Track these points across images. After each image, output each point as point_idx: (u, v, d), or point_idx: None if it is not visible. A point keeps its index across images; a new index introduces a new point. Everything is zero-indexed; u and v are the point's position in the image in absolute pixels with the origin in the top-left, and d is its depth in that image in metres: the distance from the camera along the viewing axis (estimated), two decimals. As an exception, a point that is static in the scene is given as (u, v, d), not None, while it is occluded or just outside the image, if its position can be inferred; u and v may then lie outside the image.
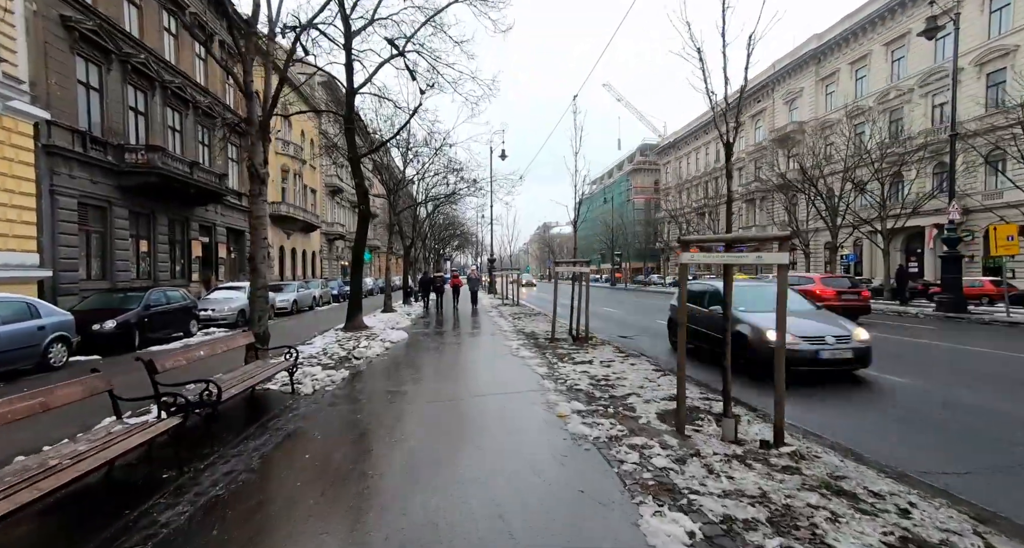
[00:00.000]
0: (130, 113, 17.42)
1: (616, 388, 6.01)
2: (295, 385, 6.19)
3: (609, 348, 9.27)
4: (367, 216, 12.89)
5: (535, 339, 10.58)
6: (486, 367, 7.69)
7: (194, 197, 19.83)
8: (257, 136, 7.06)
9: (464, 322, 14.94)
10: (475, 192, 22.16)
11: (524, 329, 12.31)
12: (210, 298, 15.40)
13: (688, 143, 51.83)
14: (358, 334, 11.67)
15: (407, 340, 10.79)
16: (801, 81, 36.49)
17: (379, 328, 12.64)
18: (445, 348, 9.81)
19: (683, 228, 41.41)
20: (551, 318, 14.74)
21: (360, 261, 12.92)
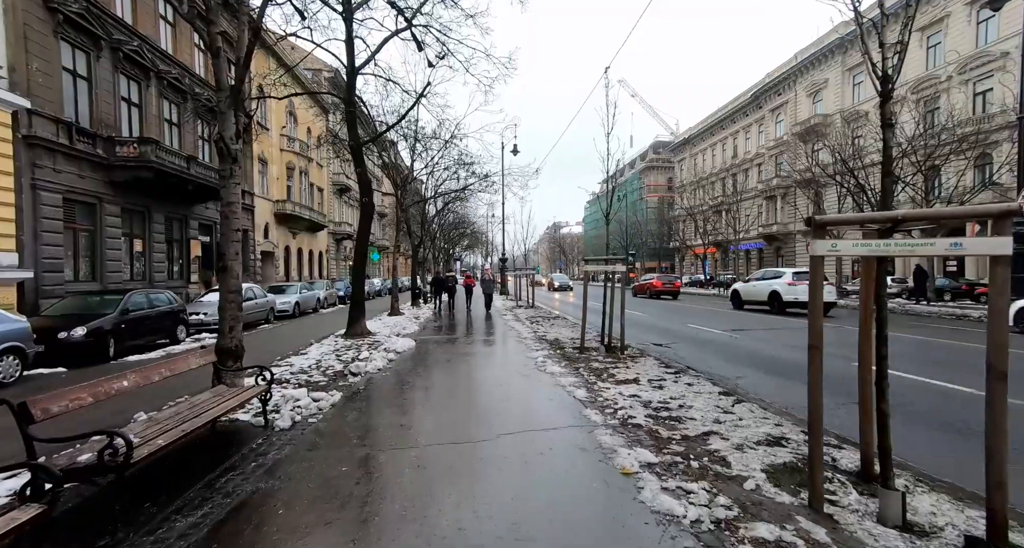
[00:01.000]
0: (122, 104, 16.25)
1: (684, 422, 4.54)
2: (269, 416, 4.80)
3: (651, 361, 7.78)
4: (371, 210, 11.53)
5: (561, 349, 9.12)
6: (510, 388, 6.24)
7: (192, 194, 18.65)
8: (227, 103, 5.69)
9: (477, 327, 13.52)
10: (487, 188, 20.79)
11: (546, 335, 10.85)
12: (203, 301, 14.14)
13: (704, 139, 49.99)
14: (360, 342, 10.30)
15: (414, 350, 9.39)
16: (826, 72, 34.60)
17: (383, 335, 11.27)
18: (458, 361, 8.39)
19: (701, 226, 39.64)
20: (574, 323, 13.34)
21: (363, 260, 11.57)
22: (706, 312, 17.83)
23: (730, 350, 9.51)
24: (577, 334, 10.94)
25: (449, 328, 13.40)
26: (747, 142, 43.87)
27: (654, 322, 14.55)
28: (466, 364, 8.04)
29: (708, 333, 11.85)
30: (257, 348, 10.50)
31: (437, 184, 20.22)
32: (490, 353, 9.15)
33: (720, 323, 13.85)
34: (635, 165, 65.87)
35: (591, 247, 70.22)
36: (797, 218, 37.42)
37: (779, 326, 13.05)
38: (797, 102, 37.30)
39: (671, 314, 16.97)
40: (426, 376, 7.10)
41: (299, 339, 11.40)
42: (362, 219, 11.57)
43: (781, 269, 20.39)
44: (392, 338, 10.38)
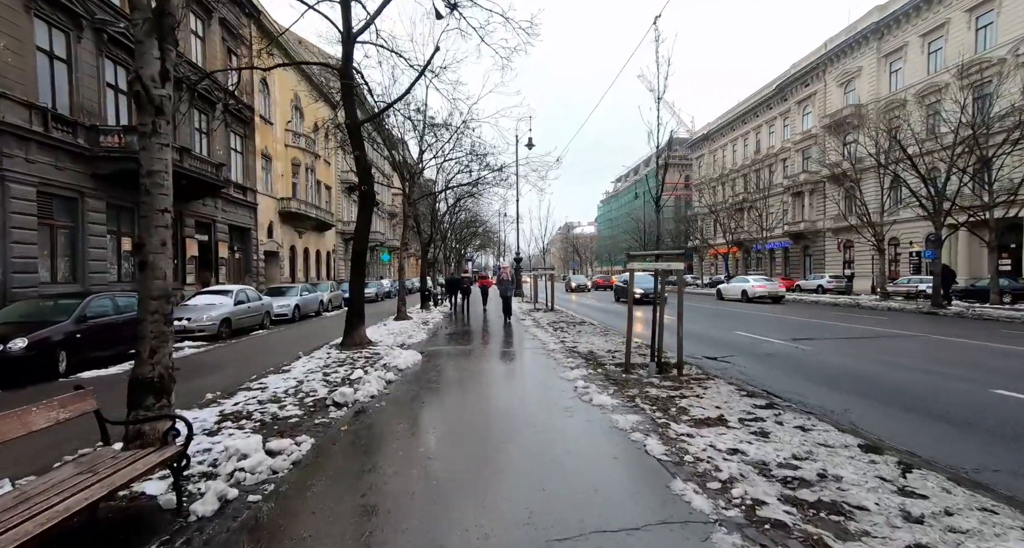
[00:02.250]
0: (107, 91, 14.82)
1: (857, 518, 2.70)
2: (185, 494, 3.07)
3: (724, 386, 5.93)
4: (370, 201, 9.84)
5: (600, 365, 7.30)
6: (549, 435, 4.38)
7: (187, 189, 17.16)
8: (145, 29, 3.98)
9: (495, 335, 11.75)
10: (501, 182, 19.03)
11: (576, 347, 9.03)
12: (188, 304, 12.59)
13: (724, 134, 47.69)
14: (356, 354, 8.59)
15: (419, 367, 7.64)
16: (859, 60, 32.23)
17: (385, 345, 9.56)
18: (474, 384, 6.62)
19: (725, 224, 37.51)
20: (604, 330, 11.47)
21: (361, 259, 9.88)
22: (736, 314, 15.86)
23: (804, 366, 7.61)
24: (612, 345, 9.14)
25: (462, 336, 11.65)
26: (771, 136, 41.54)
27: (690, 327, 12.62)
28: (484, 391, 6.26)
29: (760, 341, 9.94)
30: (234, 362, 8.86)
31: (448, 177, 18.51)
32: (513, 372, 7.37)
33: (766, 329, 11.91)
34: (650, 163, 63.69)
35: (605, 247, 68.16)
36: (827, 215, 35.08)
37: (842, 334, 11.09)
38: (827, 93, 34.95)
39: (707, 319, 15.01)
40: (432, 410, 5.32)
41: (289, 349, 9.74)
42: (361, 211, 9.89)
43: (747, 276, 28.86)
44: (395, 350, 8.65)
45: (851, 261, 33.72)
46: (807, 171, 36.64)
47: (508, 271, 15.26)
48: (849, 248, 33.85)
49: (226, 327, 12.17)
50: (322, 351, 8.98)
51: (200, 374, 7.66)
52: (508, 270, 15.43)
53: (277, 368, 7.56)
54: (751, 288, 25.01)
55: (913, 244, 28.77)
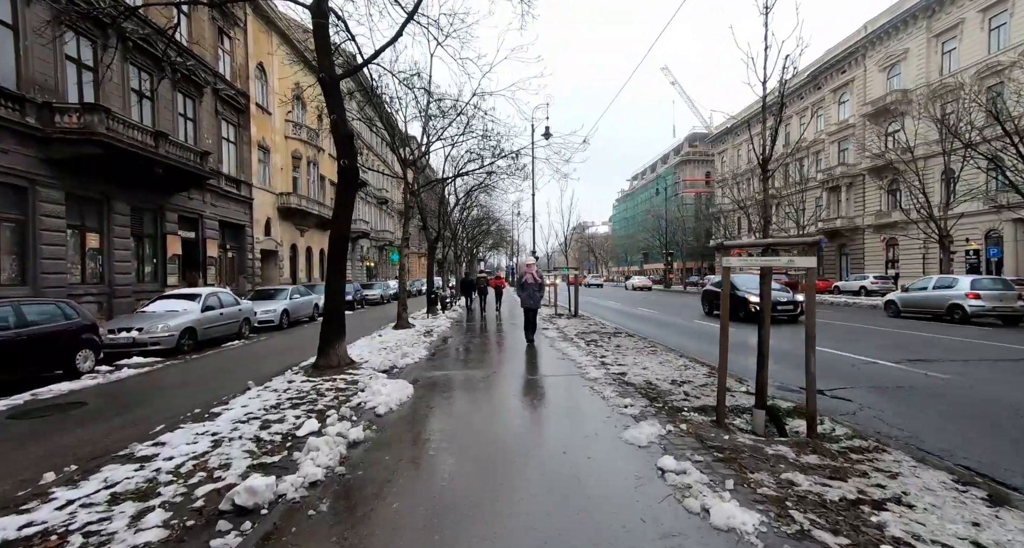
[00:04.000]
0: (68, 65, 12.72)
1: None
2: None
3: (904, 460, 3.40)
4: (353, 177, 7.47)
5: (676, 412, 4.78)
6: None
7: (167, 180, 15.08)
8: None
9: (513, 351, 9.29)
10: (516, 171, 16.56)
11: (626, 374, 6.51)
12: (145, 311, 10.37)
13: (751, 127, 44.58)
14: (327, 383, 6.21)
15: (407, 411, 5.19)
16: (905, 41, 29.09)
17: (370, 367, 7.18)
18: (485, 456, 4.04)
19: (757, 220, 34.48)
20: (648, 344, 8.44)
21: (341, 251, 7.52)
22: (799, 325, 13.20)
23: (974, 409, 5.01)
24: (673, 370, 6.63)
25: (472, 354, 9.21)
26: (802, 128, 38.39)
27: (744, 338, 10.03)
28: (505, 470, 3.73)
29: (863, 363, 7.32)
30: (166, 393, 6.46)
31: (457, 166, 16.11)
32: (546, 424, 4.86)
33: (852, 343, 9.25)
34: (668, 160, 60.67)
35: (621, 247, 65.29)
36: (866, 211, 31.96)
37: (964, 354, 8.40)
38: (867, 79, 31.82)
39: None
40: (407, 531, 2.88)
41: (252, 370, 7.42)
42: (341, 191, 7.53)
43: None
44: (378, 379, 6.24)
45: (895, 260, 30.55)
46: (844, 163, 33.54)
47: (533, 269, 9.34)
48: (893, 246, 30.70)
49: (189, 338, 9.93)
50: (283, 378, 6.61)
51: (90, 419, 5.33)
52: (534, 270, 9.39)
53: (207, 408, 5.20)
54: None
55: (970, 242, 25.62)
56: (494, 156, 14.93)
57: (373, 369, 7.13)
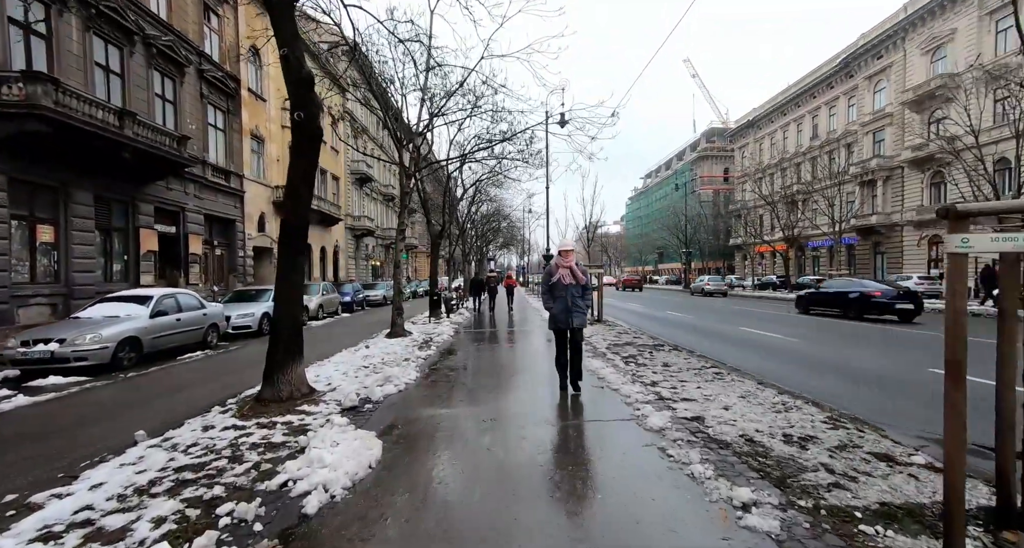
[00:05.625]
0: (11, 30, 10.82)
1: None
2: None
3: None
4: (311, 138, 5.35)
5: (847, 521, 2.56)
6: None
7: (138, 167, 13.16)
8: None
9: (533, 373, 7.09)
10: (530, 157, 14.32)
11: (703, 419, 4.28)
12: (79, 317, 8.36)
13: (774, 120, 41.77)
14: (256, 433, 4.06)
15: (359, 497, 3.03)
16: (952, 21, 26.30)
17: (332, 400, 5.02)
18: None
19: (784, 217, 31.92)
20: (699, 360, 6.29)
21: (296, 247, 5.38)
22: (907, 337, 10.81)
23: None
24: (761, 409, 4.39)
25: (477, 377, 7.02)
26: (832, 119, 35.66)
27: (815, 353, 7.68)
28: None
29: None
30: (36, 442, 4.29)
31: (463, 151, 13.93)
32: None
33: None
34: (684, 156, 57.95)
35: (635, 246, 62.74)
36: (905, 206, 29.17)
37: None
38: (907, 63, 29.02)
39: (859, 343, 10.01)
40: None
41: (170, 404, 5.34)
42: (296, 156, 5.41)
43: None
44: (334, 427, 4.07)
45: (939, 259, 27.71)
46: (879, 155, 30.75)
47: (574, 265, 5.13)
48: (937, 244, 27.87)
49: (131, 351, 7.90)
50: (201, 421, 4.49)
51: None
52: (573, 262, 5.15)
53: (33, 490, 3.09)
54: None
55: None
56: (504, 139, 12.77)
57: (337, 404, 4.98)
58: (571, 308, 5.14)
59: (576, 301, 5.15)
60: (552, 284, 5.19)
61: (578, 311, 5.16)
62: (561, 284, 5.13)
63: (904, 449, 3.57)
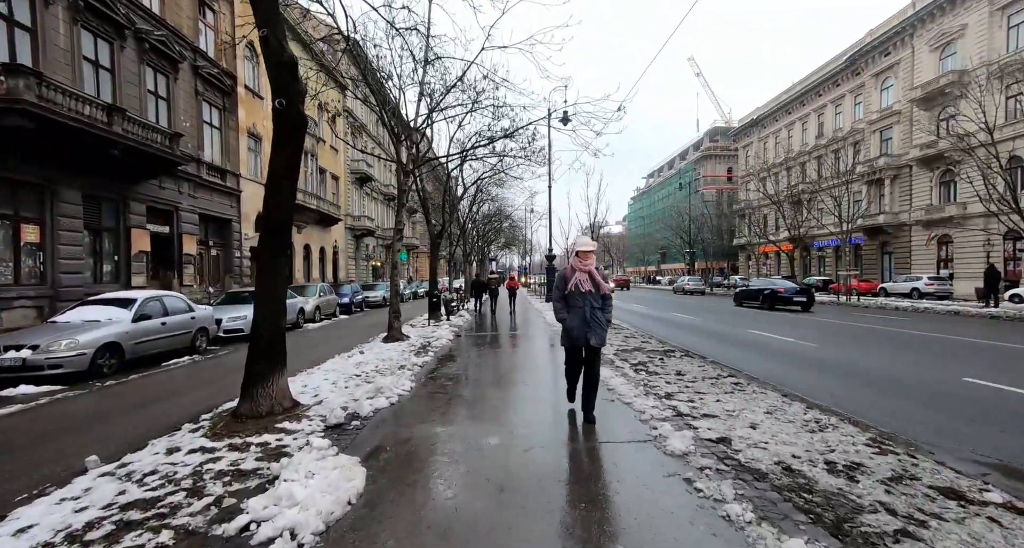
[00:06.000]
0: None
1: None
2: None
3: None
4: (293, 128, 4.86)
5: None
6: None
7: (129, 164, 12.72)
8: None
9: (540, 384, 6.61)
10: (533, 155, 13.82)
11: (729, 440, 3.79)
12: (56, 322, 7.91)
13: (778, 118, 41.19)
14: (225, 458, 3.55)
15: (331, 544, 2.55)
16: (962, 17, 25.71)
17: (315, 416, 4.51)
18: None
19: (791, 216, 31.36)
20: (713, 366, 5.88)
21: (278, 245, 4.92)
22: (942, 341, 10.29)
23: None
24: (792, 428, 3.88)
25: (478, 387, 6.52)
26: (838, 117, 35.08)
27: (884, 368, 7.17)
28: None
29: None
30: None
31: (464, 148, 13.44)
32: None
33: None
34: (687, 156, 57.34)
35: (637, 246, 62.19)
36: (913, 206, 28.56)
37: None
38: (916, 60, 28.44)
39: (891, 345, 9.51)
40: None
41: (145, 418, 4.88)
42: (277, 148, 4.93)
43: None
44: (311, 451, 3.57)
45: (949, 259, 27.13)
46: (887, 154, 30.16)
47: (592, 267, 4.32)
48: (946, 244, 27.28)
49: (111, 358, 7.43)
50: (167, 442, 4.00)
51: None
52: (592, 264, 4.35)
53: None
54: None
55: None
56: (506, 135, 12.27)
57: (321, 420, 4.49)
58: (589, 321, 4.25)
59: (595, 313, 4.28)
60: (564, 290, 4.35)
61: (597, 325, 4.27)
62: (578, 292, 4.27)
63: (971, 482, 3.07)
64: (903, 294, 25.10)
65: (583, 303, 4.26)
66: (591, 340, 4.25)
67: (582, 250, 4.39)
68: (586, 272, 4.30)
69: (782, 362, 7.72)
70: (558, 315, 4.46)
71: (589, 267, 4.32)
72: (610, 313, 4.43)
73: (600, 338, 4.29)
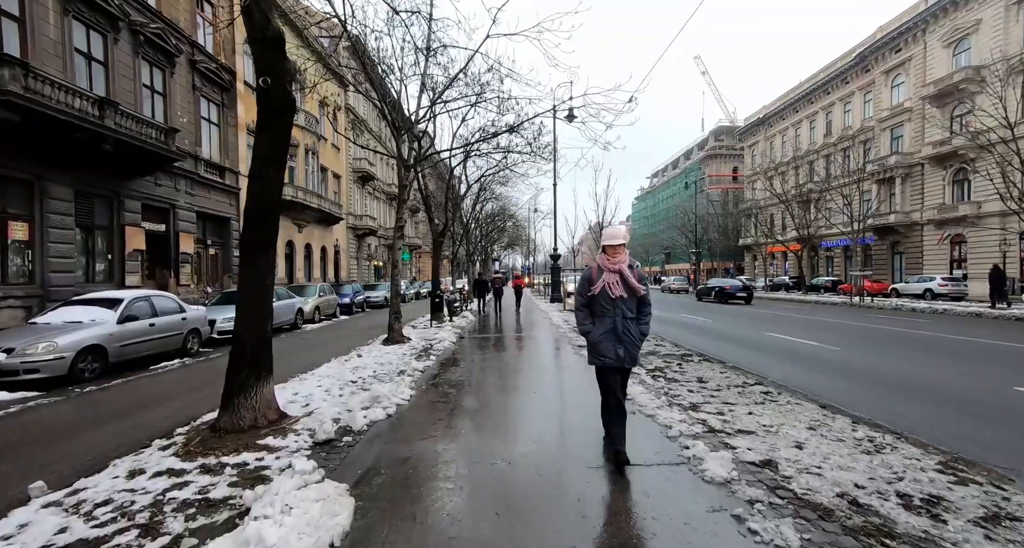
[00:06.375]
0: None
1: None
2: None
3: None
4: (280, 110, 4.37)
5: None
6: None
7: (122, 160, 12.28)
8: None
9: (548, 390, 6.11)
10: (538, 150, 13.29)
11: (775, 464, 3.27)
12: (37, 323, 7.45)
13: (785, 117, 40.52)
14: (195, 483, 3.03)
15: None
16: (976, 11, 25.04)
17: (303, 429, 3.97)
18: None
19: (800, 216, 30.74)
20: (740, 372, 5.36)
21: (263, 240, 4.39)
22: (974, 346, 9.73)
23: None
24: (843, 448, 3.33)
25: (482, 394, 6.02)
26: (847, 115, 34.42)
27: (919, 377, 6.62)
28: None
29: None
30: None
31: (467, 144, 12.94)
32: None
33: None
34: (692, 155, 56.71)
35: (642, 245, 61.60)
36: (925, 205, 27.89)
37: None
38: (928, 57, 27.78)
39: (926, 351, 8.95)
40: None
41: (117, 429, 4.40)
42: (262, 132, 4.44)
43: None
44: (293, 476, 3.06)
45: (962, 259, 26.45)
46: (898, 152, 29.49)
47: (625, 265, 3.36)
48: (959, 244, 26.60)
49: (93, 361, 6.96)
50: (131, 461, 3.50)
51: None
52: (626, 260, 3.40)
53: None
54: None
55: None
56: (510, 129, 11.76)
57: (309, 435, 3.99)
58: (622, 335, 3.30)
59: (629, 325, 3.33)
60: (592, 296, 3.40)
61: (630, 340, 3.32)
62: (606, 297, 3.34)
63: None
64: (915, 295, 24.47)
65: (613, 311, 3.33)
66: (626, 359, 3.34)
67: (611, 243, 3.41)
68: (616, 272, 3.34)
69: (806, 368, 7.18)
70: (581, 327, 3.52)
71: (620, 265, 3.35)
72: (647, 324, 3.46)
73: (632, 356, 3.37)
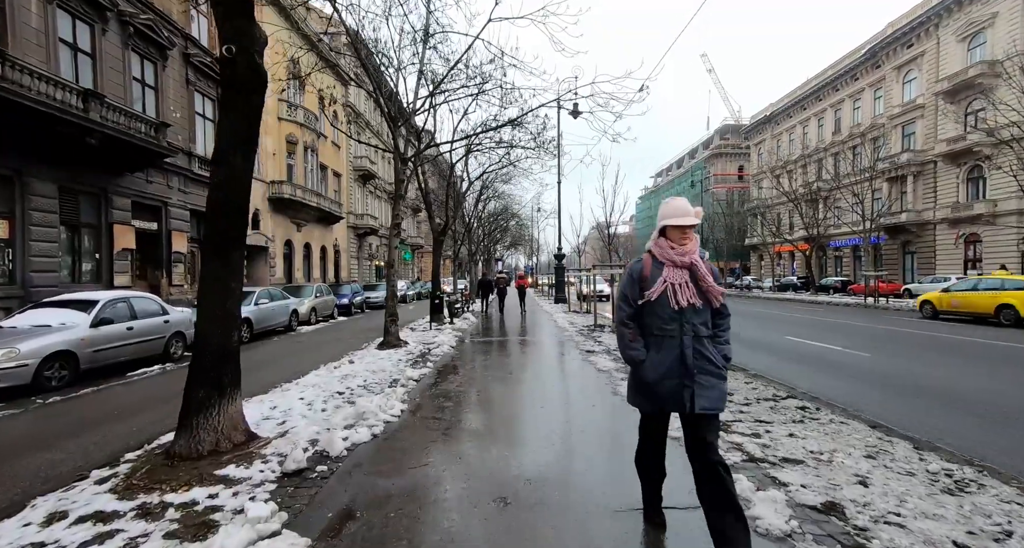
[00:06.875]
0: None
1: None
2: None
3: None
4: (248, 83, 3.76)
5: None
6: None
7: (110, 156, 11.75)
8: None
9: (561, 404, 5.49)
10: (543, 145, 12.65)
11: (840, 509, 2.65)
12: (2, 327, 6.88)
13: (793, 114, 39.71)
14: (126, 531, 2.46)
15: None
16: (992, 5, 24.24)
17: (273, 454, 3.34)
18: None
19: (808, 215, 30.00)
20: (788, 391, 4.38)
21: (231, 239, 3.80)
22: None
23: None
24: (918, 488, 2.61)
25: (483, 408, 5.40)
26: (856, 113, 33.63)
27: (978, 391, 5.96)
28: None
29: None
30: None
31: (468, 139, 12.31)
32: None
33: None
34: (696, 154, 55.94)
35: (645, 246, 60.86)
36: (938, 203, 27.09)
37: None
38: (941, 51, 26.98)
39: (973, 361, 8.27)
40: None
41: (78, 445, 3.80)
42: (225, 106, 3.84)
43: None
44: (244, 524, 2.46)
45: (977, 259, 25.64)
46: (910, 150, 28.70)
47: (695, 256, 2.14)
48: (974, 243, 25.80)
49: (60, 369, 6.39)
50: (82, 487, 2.90)
51: None
52: (696, 250, 2.16)
53: None
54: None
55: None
56: (512, 122, 11.14)
57: (278, 462, 3.37)
58: (691, 365, 2.10)
59: (705, 349, 2.12)
60: (645, 304, 2.20)
61: (706, 370, 2.10)
62: (664, 303, 2.14)
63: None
64: (930, 296, 23.64)
65: (679, 329, 2.12)
66: (698, 402, 2.07)
67: (679, 223, 2.16)
68: (686, 267, 2.14)
69: (834, 376, 6.53)
70: (628, 351, 2.25)
71: (692, 256, 2.15)
72: (728, 344, 2.20)
73: (715, 397, 2.10)
